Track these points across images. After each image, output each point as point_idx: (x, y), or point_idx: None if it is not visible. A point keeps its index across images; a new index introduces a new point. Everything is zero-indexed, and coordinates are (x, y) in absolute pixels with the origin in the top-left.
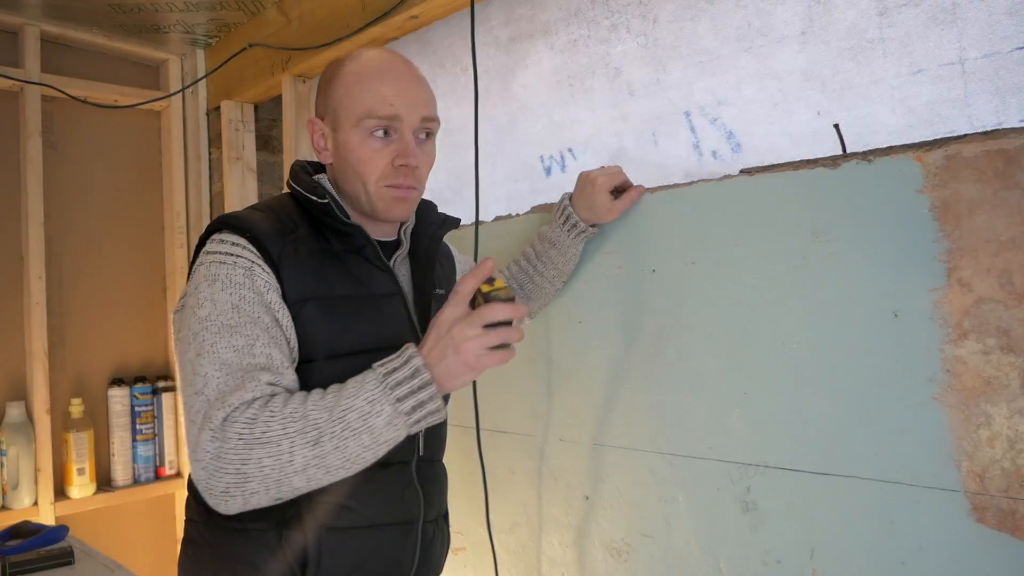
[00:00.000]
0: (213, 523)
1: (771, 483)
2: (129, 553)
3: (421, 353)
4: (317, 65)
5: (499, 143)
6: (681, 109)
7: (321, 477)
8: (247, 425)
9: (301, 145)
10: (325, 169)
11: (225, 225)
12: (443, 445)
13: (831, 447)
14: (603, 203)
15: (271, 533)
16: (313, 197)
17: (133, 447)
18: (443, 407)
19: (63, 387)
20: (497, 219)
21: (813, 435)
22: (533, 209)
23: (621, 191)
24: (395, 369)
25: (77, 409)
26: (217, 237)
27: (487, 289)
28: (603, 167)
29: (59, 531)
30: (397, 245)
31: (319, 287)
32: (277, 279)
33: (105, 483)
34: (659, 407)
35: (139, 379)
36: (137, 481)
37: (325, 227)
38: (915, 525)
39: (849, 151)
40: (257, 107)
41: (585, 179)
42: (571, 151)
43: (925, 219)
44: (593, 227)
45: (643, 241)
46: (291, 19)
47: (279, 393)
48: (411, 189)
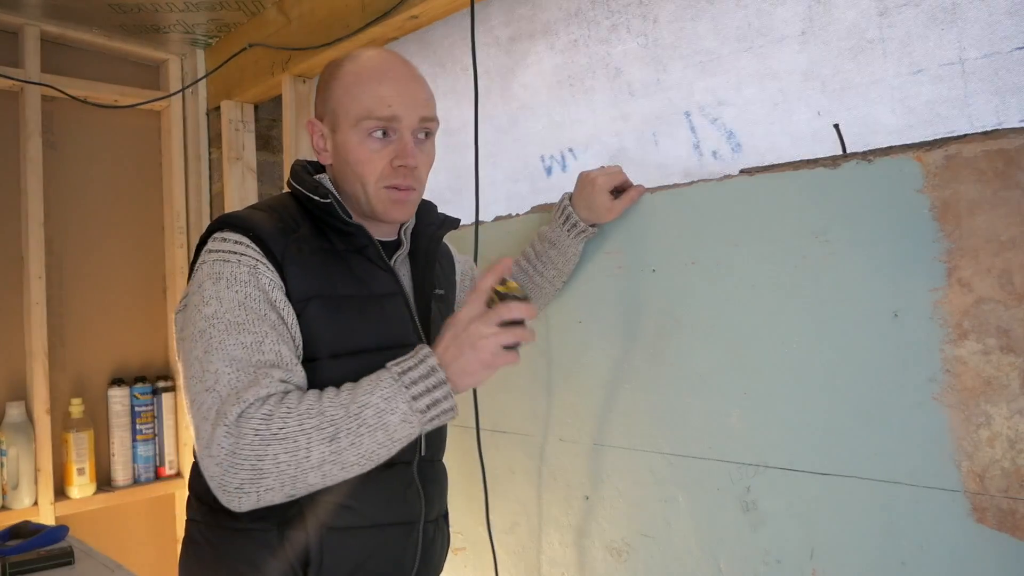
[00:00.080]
0: (215, 523)
1: (771, 483)
2: (129, 553)
3: (436, 352)
4: (317, 65)
5: (499, 143)
6: (681, 109)
7: (336, 473)
8: (264, 421)
9: (301, 145)
10: (325, 169)
11: (227, 224)
12: (444, 445)
13: (831, 447)
14: (603, 203)
15: (273, 533)
16: (315, 197)
17: (133, 447)
18: (456, 405)
19: (63, 387)
20: (497, 219)
21: (813, 435)
22: (533, 209)
23: (621, 191)
24: (410, 368)
25: (77, 409)
26: (219, 236)
27: (502, 289)
28: (603, 167)
29: (59, 531)
30: (397, 245)
31: (322, 286)
32: (281, 277)
33: (105, 483)
34: (659, 407)
35: (139, 379)
36: (137, 481)
37: (327, 227)
38: (915, 525)
39: (849, 151)
40: (257, 107)
41: (585, 179)
42: (572, 151)
43: (925, 219)
44: (593, 227)
45: (643, 241)
46: (291, 19)
47: (292, 390)
48: (410, 190)
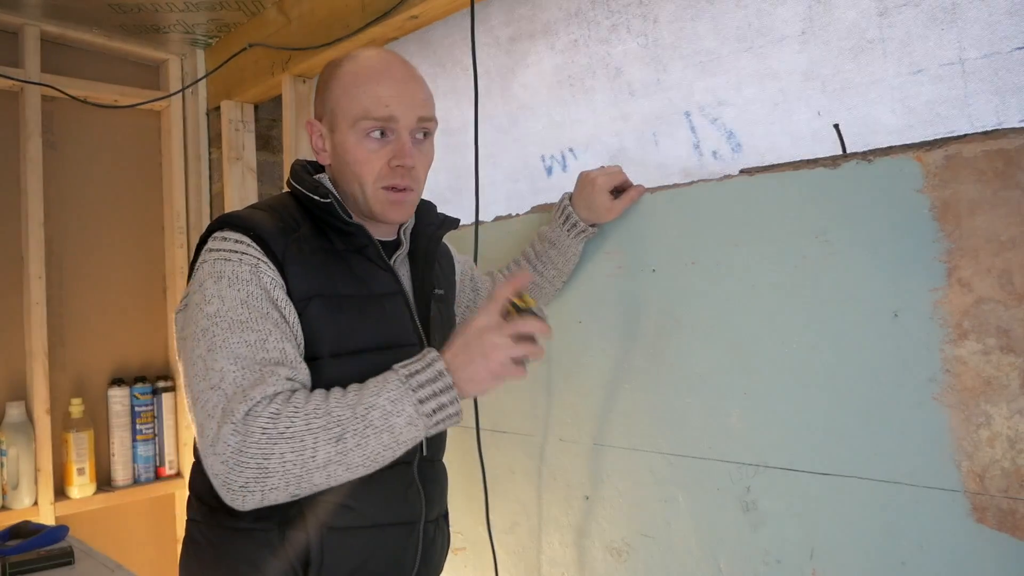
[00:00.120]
0: (215, 523)
1: (771, 483)
2: (129, 553)
3: (444, 357)
4: (317, 65)
5: (499, 143)
6: (681, 109)
7: (341, 474)
8: (271, 420)
9: (301, 145)
10: (325, 168)
11: (227, 224)
12: (444, 445)
13: (831, 447)
14: (603, 203)
15: (274, 533)
16: (315, 196)
17: (133, 447)
18: (462, 410)
19: (63, 387)
20: (497, 219)
21: (813, 435)
22: (533, 209)
23: (621, 191)
24: (417, 371)
25: (77, 409)
26: (220, 235)
27: (520, 303)
28: (603, 167)
29: (59, 531)
30: (397, 245)
31: (323, 285)
32: (282, 276)
33: (105, 483)
34: (659, 407)
35: (139, 379)
36: (137, 481)
37: (327, 226)
38: (915, 525)
39: (849, 151)
40: (257, 107)
41: (585, 179)
42: (572, 151)
43: (925, 219)
44: (593, 227)
45: (643, 241)
46: (291, 19)
47: (299, 389)
48: (408, 191)
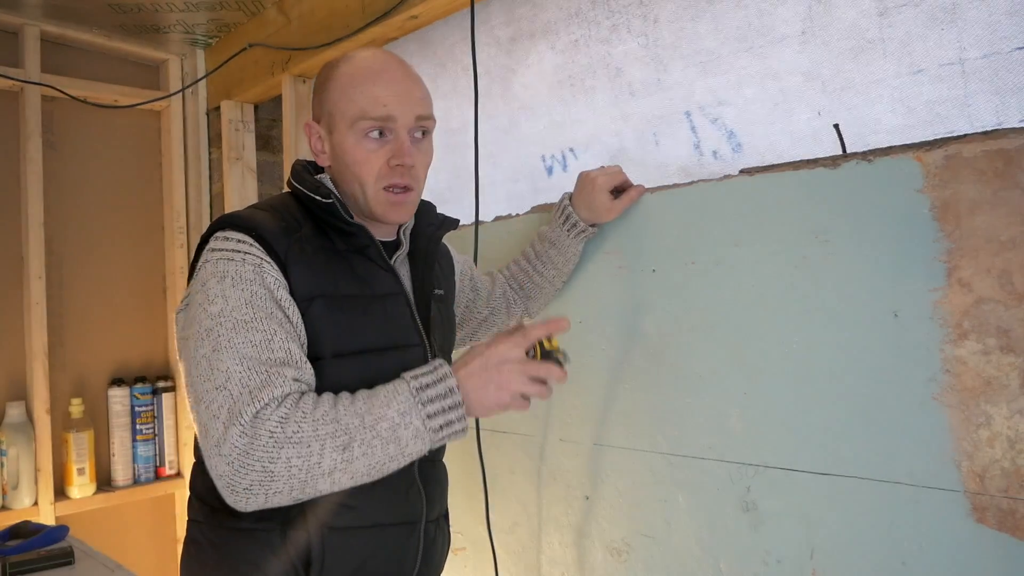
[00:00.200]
0: (216, 523)
1: (771, 483)
2: (129, 553)
3: (458, 374)
4: (317, 65)
5: (500, 143)
6: (682, 109)
7: (345, 482)
8: (279, 424)
9: (301, 145)
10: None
11: (229, 223)
12: (445, 445)
13: (831, 447)
14: (603, 203)
15: (275, 533)
16: (317, 197)
17: (133, 447)
18: (468, 427)
19: (63, 387)
20: (497, 219)
21: (813, 435)
22: (533, 209)
23: (621, 191)
24: (428, 385)
25: (77, 409)
26: (222, 235)
27: (547, 346)
28: (603, 167)
29: (59, 531)
30: (397, 245)
31: (325, 285)
32: (284, 276)
33: (105, 483)
34: (659, 407)
35: (139, 379)
36: (137, 481)
37: (328, 226)
38: (915, 525)
39: (849, 151)
40: (257, 107)
41: (585, 179)
42: (572, 151)
43: (925, 219)
44: (593, 227)
45: (643, 241)
46: (291, 19)
47: (307, 392)
48: (408, 190)
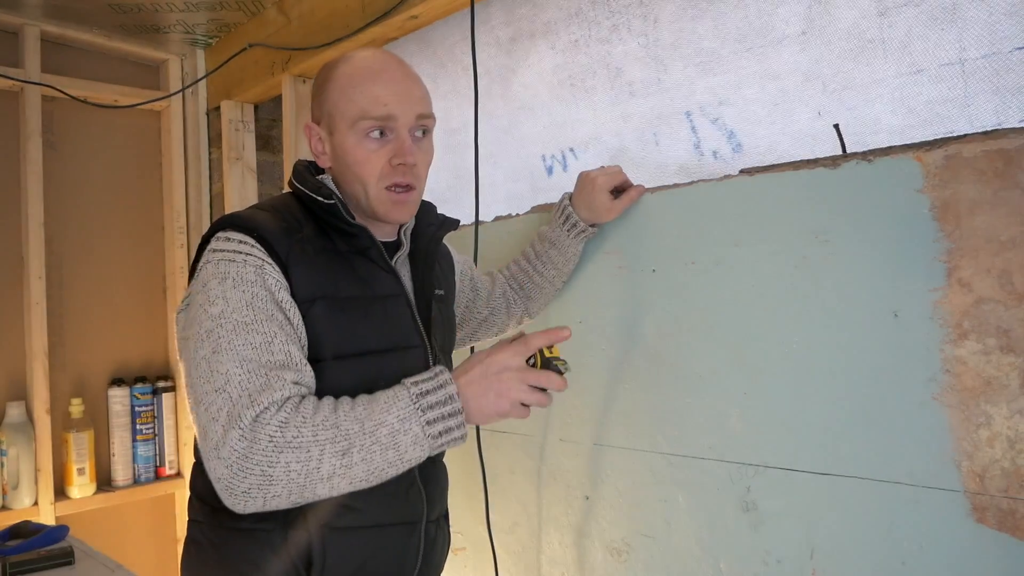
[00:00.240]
0: (217, 523)
1: (771, 483)
2: (129, 553)
3: (458, 381)
4: (317, 65)
5: (500, 143)
6: (682, 109)
7: (344, 487)
8: (279, 428)
9: (301, 145)
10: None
11: (230, 224)
12: None
13: (831, 447)
14: (603, 203)
15: (276, 533)
16: (319, 197)
17: (133, 447)
18: (467, 434)
19: (63, 387)
20: (497, 219)
21: (813, 435)
22: (533, 209)
23: (621, 191)
24: (428, 391)
25: (77, 409)
26: (223, 236)
27: (548, 354)
28: (603, 167)
29: (59, 531)
30: (397, 246)
31: (327, 287)
32: (286, 278)
33: (105, 483)
34: (659, 407)
35: (139, 379)
36: (137, 481)
37: (329, 227)
38: (915, 525)
39: (849, 151)
40: (257, 107)
41: (585, 179)
42: (572, 151)
43: (925, 219)
44: (593, 227)
45: (643, 241)
46: (291, 19)
47: (307, 396)
48: (410, 189)
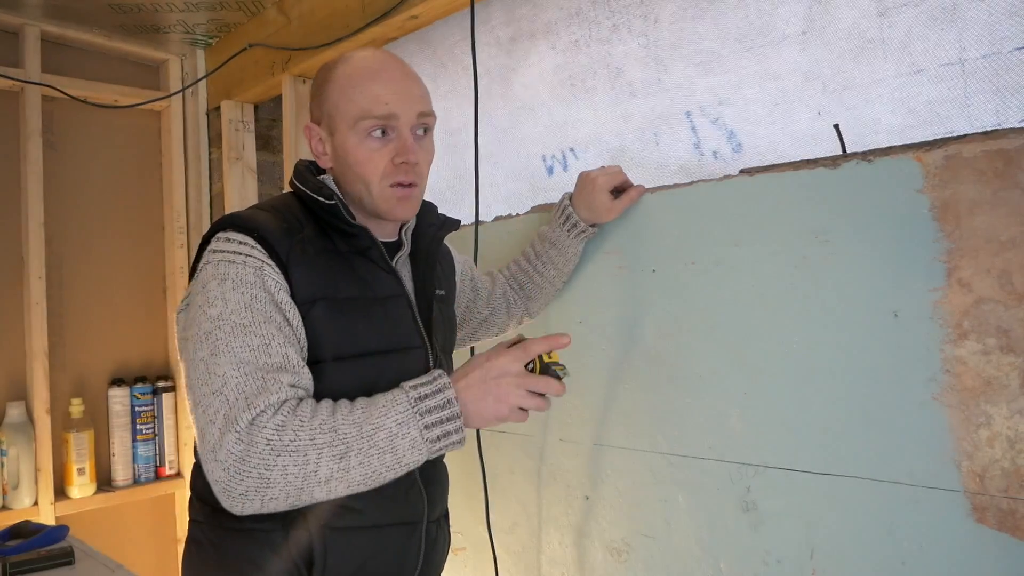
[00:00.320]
0: (218, 523)
1: (771, 483)
2: (129, 553)
3: (456, 385)
4: (317, 65)
5: (500, 143)
6: (682, 109)
7: (342, 490)
8: (276, 431)
9: (301, 145)
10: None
11: (231, 224)
12: None
13: (831, 447)
14: (603, 203)
15: (277, 533)
16: (320, 198)
17: (133, 447)
18: (465, 438)
19: (63, 387)
20: (497, 219)
21: (813, 435)
22: (533, 209)
23: (621, 191)
24: (427, 395)
25: (77, 409)
26: (223, 236)
27: (547, 359)
28: (603, 167)
29: (59, 531)
30: (398, 246)
31: (327, 288)
32: (286, 278)
33: (105, 483)
34: (659, 407)
35: (139, 379)
36: (137, 481)
37: (330, 228)
38: (915, 525)
39: (849, 151)
40: (257, 107)
41: (585, 179)
42: (573, 151)
43: (925, 219)
44: (593, 227)
45: (643, 241)
46: (291, 19)
47: (305, 399)
48: (413, 187)
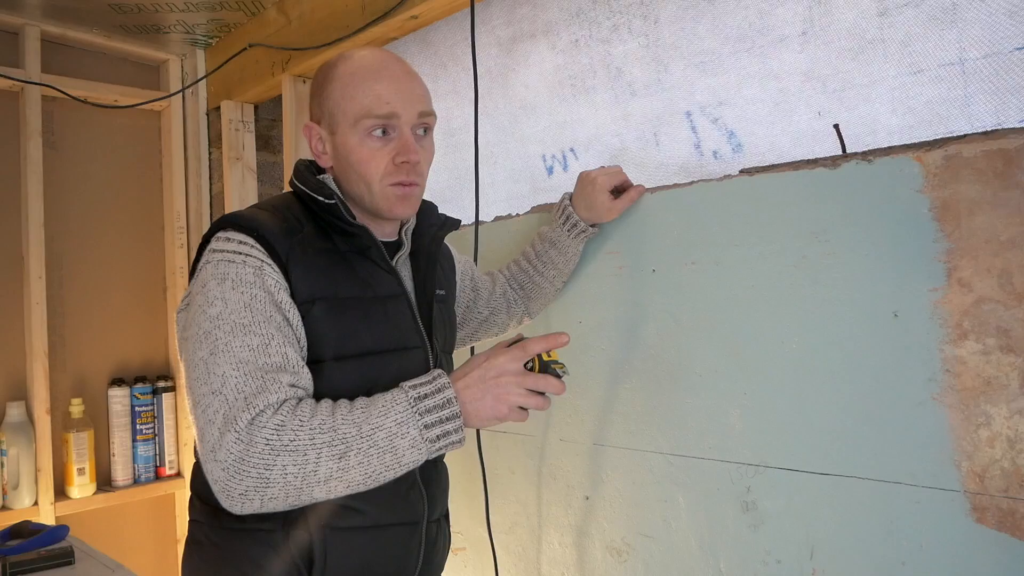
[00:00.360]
0: (218, 523)
1: (771, 483)
2: (129, 553)
3: (456, 385)
4: (317, 65)
5: (500, 143)
6: (682, 109)
7: (341, 490)
8: (275, 431)
9: (301, 145)
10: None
11: (231, 224)
12: None
13: (831, 447)
14: (603, 203)
15: (277, 533)
16: (320, 197)
17: (133, 447)
18: (465, 437)
19: (63, 387)
20: (497, 219)
21: (813, 435)
22: (533, 209)
23: (621, 191)
24: (426, 395)
25: (77, 409)
26: (223, 235)
27: (546, 357)
28: (603, 167)
29: (59, 531)
30: (398, 246)
31: (327, 287)
32: (285, 278)
33: (105, 483)
34: (659, 407)
35: (139, 379)
36: (137, 481)
37: (330, 227)
38: (915, 525)
39: (849, 151)
40: (257, 107)
41: (585, 179)
42: (573, 150)
43: (925, 219)
44: (593, 227)
45: (643, 241)
46: (291, 19)
47: (304, 399)
48: (413, 186)
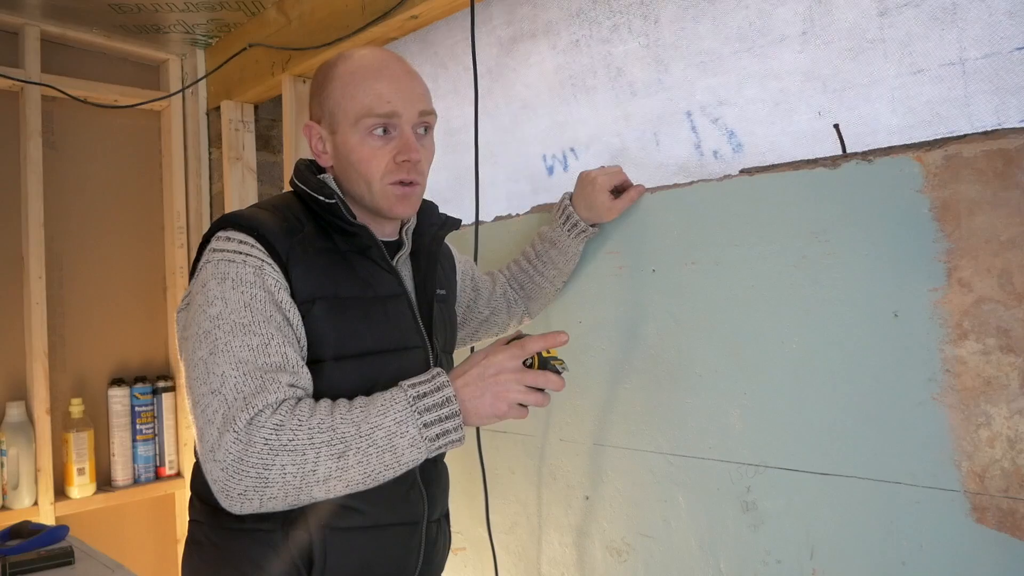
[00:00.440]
0: (218, 523)
1: (771, 483)
2: (129, 553)
3: (455, 383)
4: (317, 65)
5: (501, 143)
6: (682, 109)
7: (341, 489)
8: (274, 431)
9: (301, 145)
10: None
11: (231, 223)
12: None
13: (831, 447)
14: (603, 202)
15: (277, 533)
16: (320, 197)
17: (133, 447)
18: (464, 436)
19: (63, 387)
20: (497, 219)
21: (813, 435)
22: (533, 209)
23: (621, 190)
24: (425, 394)
25: (77, 409)
26: (223, 235)
27: (546, 354)
28: (603, 167)
29: (59, 531)
30: (399, 245)
31: (327, 287)
32: (286, 278)
33: (105, 483)
34: (659, 407)
35: (139, 379)
36: (137, 481)
37: (331, 227)
38: (915, 525)
39: (849, 151)
40: (257, 107)
41: (585, 178)
42: (573, 150)
43: (925, 219)
44: (593, 227)
45: (643, 241)
46: (291, 19)
47: (303, 399)
48: (414, 185)
